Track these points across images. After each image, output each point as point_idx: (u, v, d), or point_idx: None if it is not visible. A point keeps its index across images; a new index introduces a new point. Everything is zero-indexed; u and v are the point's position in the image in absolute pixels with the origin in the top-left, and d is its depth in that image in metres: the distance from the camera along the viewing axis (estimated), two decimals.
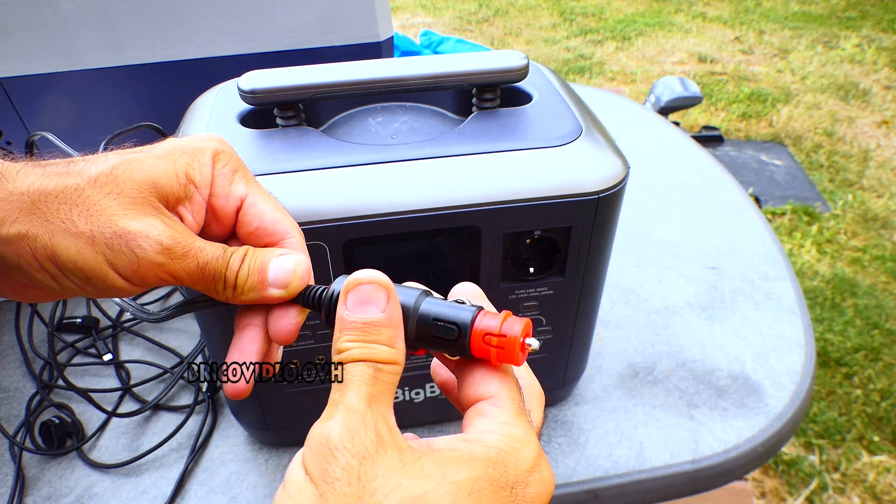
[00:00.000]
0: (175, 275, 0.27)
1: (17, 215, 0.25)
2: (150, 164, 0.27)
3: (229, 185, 0.29)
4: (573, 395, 0.60)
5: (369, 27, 0.63)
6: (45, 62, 0.59)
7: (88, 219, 0.25)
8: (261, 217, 0.30)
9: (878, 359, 1.66)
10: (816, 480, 1.39)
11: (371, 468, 0.21)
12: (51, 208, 0.25)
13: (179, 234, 0.27)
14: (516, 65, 0.45)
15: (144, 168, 0.27)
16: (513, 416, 0.24)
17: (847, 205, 2.21)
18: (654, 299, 0.71)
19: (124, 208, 0.26)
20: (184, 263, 0.27)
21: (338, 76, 0.44)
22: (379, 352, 0.24)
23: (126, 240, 0.26)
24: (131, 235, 0.26)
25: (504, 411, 0.24)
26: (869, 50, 3.30)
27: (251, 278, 0.28)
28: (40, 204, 0.25)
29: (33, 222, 0.25)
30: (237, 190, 0.30)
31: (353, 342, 0.24)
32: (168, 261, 0.26)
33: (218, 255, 0.28)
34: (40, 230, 0.25)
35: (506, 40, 3.51)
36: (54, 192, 0.25)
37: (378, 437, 0.22)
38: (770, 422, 0.58)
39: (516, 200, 0.41)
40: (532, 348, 0.26)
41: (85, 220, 0.25)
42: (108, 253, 0.26)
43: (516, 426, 0.24)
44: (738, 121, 2.73)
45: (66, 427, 0.56)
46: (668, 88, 2.16)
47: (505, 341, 0.25)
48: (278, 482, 0.53)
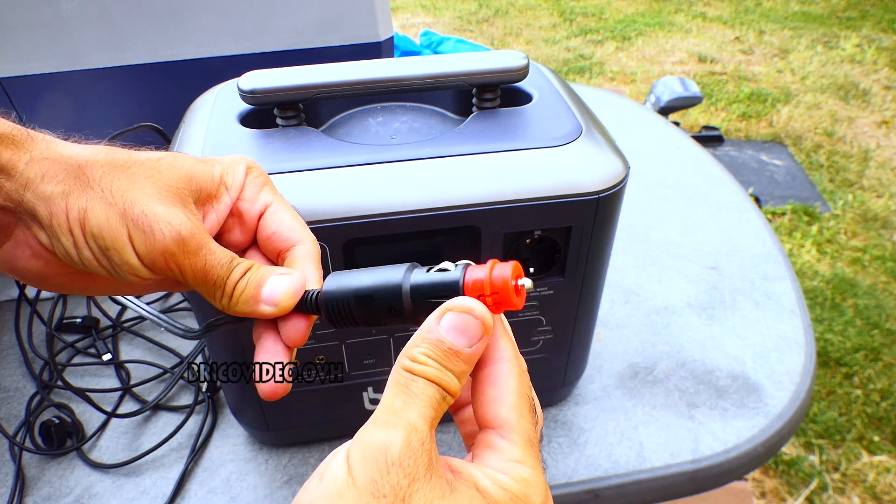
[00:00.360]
0: (181, 267, 0.28)
1: (63, 176, 0.27)
2: (192, 162, 0.30)
3: (257, 193, 0.32)
4: (573, 395, 0.60)
5: (369, 27, 0.63)
6: (45, 62, 0.59)
7: (125, 193, 0.28)
8: (279, 222, 0.32)
9: (878, 359, 1.66)
10: (816, 480, 1.39)
11: (417, 492, 0.21)
12: (95, 175, 0.28)
13: (197, 231, 0.29)
14: (516, 65, 0.45)
15: (187, 163, 0.30)
16: (521, 451, 0.24)
17: (847, 205, 2.21)
18: (654, 299, 0.71)
19: (159, 193, 0.28)
20: (193, 259, 0.28)
21: (338, 76, 0.44)
22: (451, 381, 0.24)
23: (150, 220, 0.27)
24: (156, 217, 0.28)
25: (513, 445, 0.24)
26: (869, 50, 3.30)
27: (246, 292, 0.29)
28: (87, 169, 0.28)
29: (76, 185, 0.27)
30: (264, 198, 0.32)
31: (432, 360, 0.24)
32: (180, 251, 0.28)
33: (224, 261, 0.29)
34: (80, 193, 0.27)
35: (506, 40, 3.51)
36: (102, 161, 0.28)
37: (430, 463, 0.22)
38: (770, 422, 0.58)
39: (516, 200, 0.41)
40: (527, 288, 0.25)
41: (122, 194, 0.27)
42: (132, 228, 0.27)
43: (525, 465, 0.24)
44: (738, 121, 2.73)
45: (66, 427, 0.56)
46: (668, 88, 2.16)
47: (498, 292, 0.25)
48: (278, 482, 0.53)
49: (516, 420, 0.25)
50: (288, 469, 0.54)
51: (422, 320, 0.26)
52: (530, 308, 0.48)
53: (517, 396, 0.25)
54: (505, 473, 0.23)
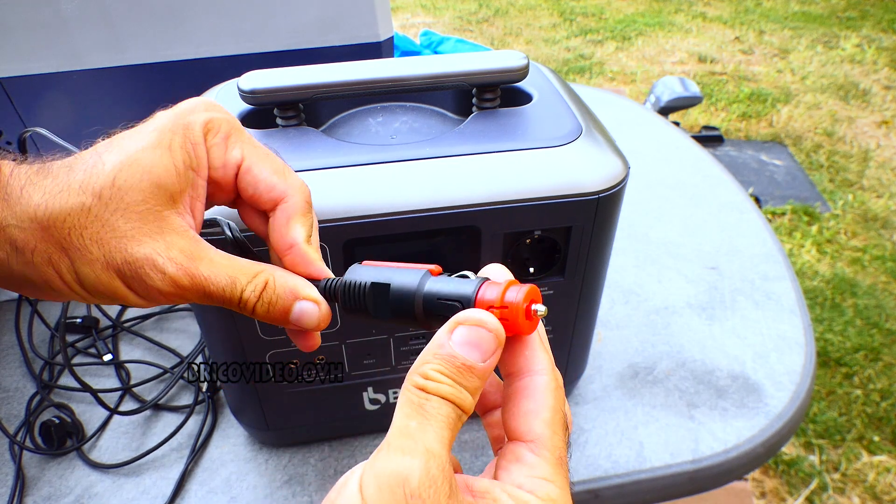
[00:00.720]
0: (184, 298, 0.27)
1: (35, 243, 0.25)
2: (148, 161, 0.27)
3: (224, 153, 0.29)
4: (573, 395, 0.60)
5: (369, 27, 0.63)
6: (45, 62, 0.59)
7: (100, 245, 0.26)
8: (255, 183, 0.29)
9: (878, 359, 1.66)
10: (816, 480, 1.39)
11: None
12: (63, 234, 0.26)
13: (185, 259, 0.27)
14: (516, 65, 0.45)
15: (145, 168, 0.27)
16: (551, 469, 0.23)
17: (847, 205, 2.21)
18: (654, 299, 0.71)
19: (132, 227, 0.26)
20: (189, 293, 0.27)
21: (338, 76, 0.44)
22: (465, 399, 0.23)
23: (134, 267, 0.26)
24: (139, 264, 0.26)
25: (544, 462, 0.23)
26: (869, 50, 3.30)
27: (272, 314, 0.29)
28: (53, 230, 0.25)
29: (53, 249, 0.26)
30: (232, 157, 0.29)
31: (446, 377, 0.23)
32: (176, 289, 0.27)
33: (223, 285, 0.28)
34: (62, 256, 0.26)
35: (506, 40, 3.51)
36: (62, 215, 0.25)
37: (451, 491, 0.21)
38: (770, 422, 0.58)
39: (516, 200, 0.41)
40: (540, 314, 0.24)
41: (97, 247, 0.26)
42: (123, 277, 0.26)
43: (554, 483, 0.23)
44: (738, 121, 2.73)
45: (66, 427, 0.56)
46: (668, 88, 2.16)
47: (507, 311, 0.24)
48: (278, 482, 0.53)
49: (549, 437, 0.24)
50: (288, 469, 0.54)
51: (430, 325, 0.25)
52: None
53: (552, 412, 0.24)
54: (531, 492, 0.22)
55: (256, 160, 0.30)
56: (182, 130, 0.28)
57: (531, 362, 0.25)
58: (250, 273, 0.28)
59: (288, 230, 0.30)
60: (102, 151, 0.27)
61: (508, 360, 0.25)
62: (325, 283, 0.30)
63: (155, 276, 0.26)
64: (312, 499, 0.52)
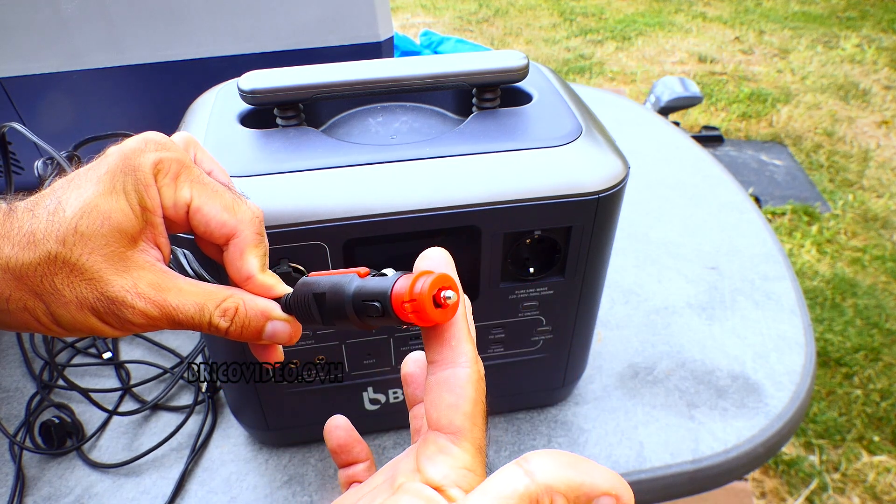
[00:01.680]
0: (157, 326, 0.29)
1: (10, 291, 0.27)
2: (105, 207, 0.28)
3: (174, 193, 0.30)
4: (573, 395, 0.60)
5: (369, 27, 0.63)
6: (45, 62, 0.59)
7: (72, 288, 0.27)
8: (206, 222, 0.30)
9: (878, 359, 1.66)
10: (816, 480, 1.39)
11: None
12: (36, 281, 0.27)
13: (153, 292, 0.28)
14: (516, 65, 0.45)
15: (104, 215, 0.28)
16: (472, 459, 0.24)
17: (847, 205, 2.21)
18: (654, 299, 0.71)
19: (100, 269, 0.28)
20: (160, 322, 0.28)
21: (338, 76, 0.44)
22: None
23: (107, 305, 0.28)
24: (111, 301, 0.28)
25: (465, 453, 0.24)
26: (869, 50, 3.30)
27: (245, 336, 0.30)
28: (25, 279, 0.27)
29: (28, 296, 0.27)
30: (181, 197, 0.30)
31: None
32: (146, 321, 0.28)
33: (192, 313, 0.29)
34: (36, 302, 0.27)
35: (506, 40, 3.51)
36: (32, 264, 0.27)
37: None
38: (770, 422, 0.58)
39: (516, 200, 0.41)
40: (451, 301, 0.24)
41: (70, 290, 0.27)
42: (98, 314, 0.28)
43: (474, 473, 0.24)
44: (738, 121, 2.73)
45: (66, 427, 0.56)
46: (668, 88, 2.16)
47: (416, 303, 0.23)
48: (278, 482, 0.53)
49: (470, 429, 0.24)
50: (288, 469, 0.54)
51: (365, 325, 0.26)
52: (530, 308, 0.48)
53: (473, 405, 0.25)
54: (456, 487, 0.23)
55: (206, 199, 0.30)
56: (133, 173, 0.29)
57: (455, 353, 0.25)
58: (218, 298, 0.30)
59: (242, 264, 0.31)
60: (61, 196, 0.28)
61: (432, 348, 0.26)
62: (283, 300, 0.31)
63: (127, 311, 0.28)
64: (312, 499, 0.52)
